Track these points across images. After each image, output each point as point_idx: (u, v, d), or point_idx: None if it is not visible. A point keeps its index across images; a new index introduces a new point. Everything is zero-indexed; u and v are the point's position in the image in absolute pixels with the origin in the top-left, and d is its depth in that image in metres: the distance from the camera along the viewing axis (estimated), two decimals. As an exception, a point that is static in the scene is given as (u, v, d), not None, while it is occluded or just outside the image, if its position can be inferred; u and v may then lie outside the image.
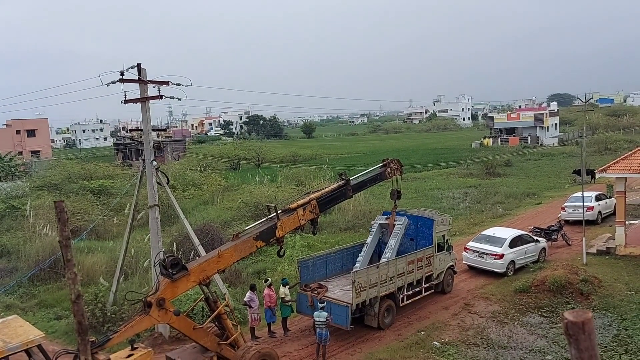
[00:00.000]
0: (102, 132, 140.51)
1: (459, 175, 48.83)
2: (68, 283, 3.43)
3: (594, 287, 18.26)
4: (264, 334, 16.11)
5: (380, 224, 18.83)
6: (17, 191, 38.41)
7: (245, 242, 13.27)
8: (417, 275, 17.49)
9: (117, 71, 15.37)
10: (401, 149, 74.17)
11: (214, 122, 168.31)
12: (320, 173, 40.35)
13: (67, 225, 3.40)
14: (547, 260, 21.83)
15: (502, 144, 75.82)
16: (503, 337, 15.73)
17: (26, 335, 9.20)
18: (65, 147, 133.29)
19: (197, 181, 42.42)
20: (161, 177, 16.73)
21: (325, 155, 69.08)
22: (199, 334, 12.21)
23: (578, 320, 1.56)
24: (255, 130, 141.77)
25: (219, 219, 28.55)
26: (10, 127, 75.32)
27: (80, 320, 3.54)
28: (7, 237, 25.64)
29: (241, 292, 17.88)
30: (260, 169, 56.23)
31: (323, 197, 15.43)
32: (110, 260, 21.40)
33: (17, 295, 19.92)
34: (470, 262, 21.34)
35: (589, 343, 1.50)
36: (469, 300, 18.41)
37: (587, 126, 66.33)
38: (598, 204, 27.79)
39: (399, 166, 18.10)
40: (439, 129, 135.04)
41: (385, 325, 16.21)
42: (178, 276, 11.75)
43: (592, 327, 1.55)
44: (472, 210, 32.86)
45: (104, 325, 15.94)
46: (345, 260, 18.68)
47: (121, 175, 47.41)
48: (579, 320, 1.55)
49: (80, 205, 30.33)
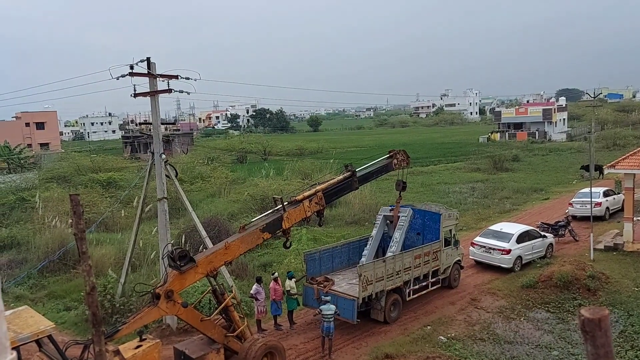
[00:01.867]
0: (111, 125, 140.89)
1: (466, 169, 48.70)
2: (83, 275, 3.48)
3: (601, 283, 18.20)
4: (270, 327, 16.20)
5: (384, 215, 18.79)
6: (26, 183, 38.71)
7: (251, 233, 13.32)
8: (423, 270, 17.49)
9: (127, 64, 15.42)
10: (408, 143, 73.95)
11: (221, 115, 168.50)
12: (326, 166, 40.37)
13: (82, 218, 3.45)
14: (554, 256, 21.78)
15: (509, 139, 75.55)
16: (509, 332, 15.72)
17: (37, 326, 9.29)
18: (74, 140, 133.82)
19: (204, 174, 42.60)
20: (170, 170, 16.81)
21: (331, 149, 69.04)
22: (206, 325, 12.30)
23: (595, 317, 1.58)
24: (261, 123, 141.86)
25: (226, 212, 28.69)
26: (20, 120, 75.80)
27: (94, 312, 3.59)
28: (17, 229, 25.89)
29: (248, 285, 17.97)
30: (267, 162, 56.32)
31: (329, 189, 15.43)
32: (118, 252, 21.54)
33: (27, 286, 20.11)
34: (477, 257, 21.32)
35: (605, 340, 1.52)
36: (475, 295, 18.41)
37: (596, 121, 65.88)
38: (606, 200, 27.65)
39: (406, 157, 17.98)
40: (446, 123, 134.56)
41: (391, 319, 16.25)
42: (186, 268, 11.82)
43: (608, 324, 1.57)
44: (479, 205, 32.79)
45: (112, 316, 16.07)
46: (352, 254, 18.72)
47: (129, 168, 47.65)
48: (596, 317, 1.57)
49: (89, 198, 30.54)
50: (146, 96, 16.25)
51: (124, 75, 15.58)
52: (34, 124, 75.90)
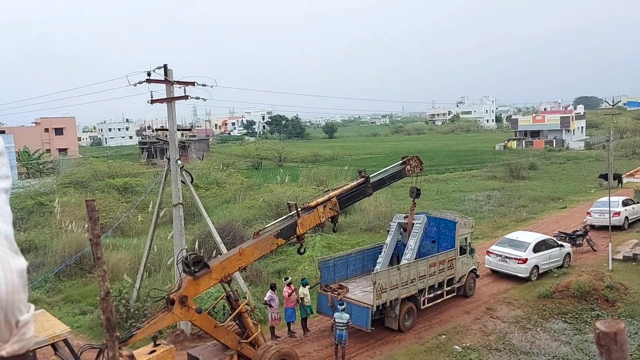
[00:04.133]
0: (128, 131, 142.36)
1: (482, 177, 48.32)
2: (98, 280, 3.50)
3: (620, 294, 17.89)
4: (283, 334, 16.18)
5: (399, 222, 18.70)
6: (44, 188, 39.20)
7: (266, 239, 13.35)
8: (438, 278, 17.36)
9: (144, 71, 15.61)
10: (423, 150, 73.62)
11: (237, 122, 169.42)
12: (341, 173, 40.34)
13: (97, 224, 3.48)
14: (571, 265, 21.48)
15: (526, 147, 74.83)
16: (526, 342, 15.51)
17: (53, 330, 9.39)
18: (92, 145, 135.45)
19: (219, 180, 42.81)
20: (185, 176, 16.92)
21: (346, 156, 68.98)
22: (220, 332, 12.32)
23: (610, 330, 1.55)
24: (277, 130, 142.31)
25: (241, 218, 28.76)
26: (39, 126, 76.97)
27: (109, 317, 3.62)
28: (35, 233, 26.21)
29: (262, 291, 18.00)
30: (282, 168, 56.42)
31: (343, 195, 15.44)
32: (134, 257, 21.70)
33: (44, 290, 20.35)
34: (493, 266, 21.10)
35: (620, 354, 1.49)
36: (491, 304, 18.21)
37: (615, 130, 64.98)
38: (625, 209, 27.22)
39: (419, 163, 17.93)
40: (462, 130, 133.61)
41: (405, 327, 16.13)
42: (200, 274, 11.87)
43: (625, 337, 1.54)
44: (496, 213, 32.48)
45: (127, 321, 16.16)
46: (366, 261, 18.65)
47: (146, 173, 48.02)
48: (611, 331, 1.54)
49: (105, 203, 30.85)
50: (163, 102, 16.41)
51: (142, 82, 15.76)
52: (53, 129, 77.02)
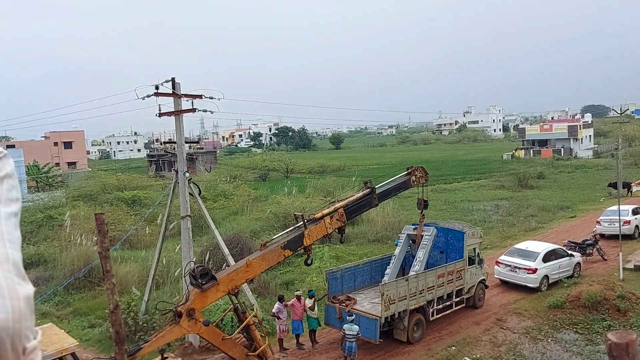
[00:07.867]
0: (136, 144, 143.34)
1: (490, 187, 48.12)
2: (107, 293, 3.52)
3: (631, 304, 17.67)
4: (292, 346, 16.09)
5: (408, 234, 18.64)
6: (54, 201, 39.47)
7: (272, 251, 13.35)
8: (447, 289, 17.24)
9: (152, 85, 15.75)
10: (430, 160, 73.51)
11: (244, 133, 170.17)
12: (348, 184, 40.33)
13: (106, 237, 3.50)
14: (581, 275, 21.27)
15: (534, 156, 74.56)
16: (536, 353, 15.33)
17: (61, 343, 9.42)
18: (101, 159, 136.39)
19: (227, 192, 42.90)
20: (193, 188, 16.98)
21: (353, 166, 69.03)
22: (228, 344, 12.28)
23: (622, 341, 1.53)
24: (284, 141, 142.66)
25: (249, 229, 28.77)
26: (49, 139, 77.67)
27: (117, 330, 3.62)
28: (44, 246, 26.36)
29: (270, 303, 17.93)
30: (289, 179, 56.49)
31: (349, 206, 15.45)
32: (142, 269, 21.73)
33: (53, 303, 20.40)
34: (502, 276, 20.94)
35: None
36: (501, 315, 18.05)
37: (623, 138, 64.64)
38: (635, 218, 26.99)
39: (424, 174, 17.92)
40: (469, 140, 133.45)
41: (414, 339, 16.00)
42: (207, 286, 11.87)
43: (637, 348, 1.52)
44: (504, 223, 32.29)
45: (136, 334, 16.15)
46: (374, 273, 18.55)
47: (154, 186, 48.26)
48: (623, 342, 1.52)
49: (114, 216, 30.98)
50: (171, 115, 16.53)
51: (150, 96, 15.89)
52: (62, 143, 77.64)
